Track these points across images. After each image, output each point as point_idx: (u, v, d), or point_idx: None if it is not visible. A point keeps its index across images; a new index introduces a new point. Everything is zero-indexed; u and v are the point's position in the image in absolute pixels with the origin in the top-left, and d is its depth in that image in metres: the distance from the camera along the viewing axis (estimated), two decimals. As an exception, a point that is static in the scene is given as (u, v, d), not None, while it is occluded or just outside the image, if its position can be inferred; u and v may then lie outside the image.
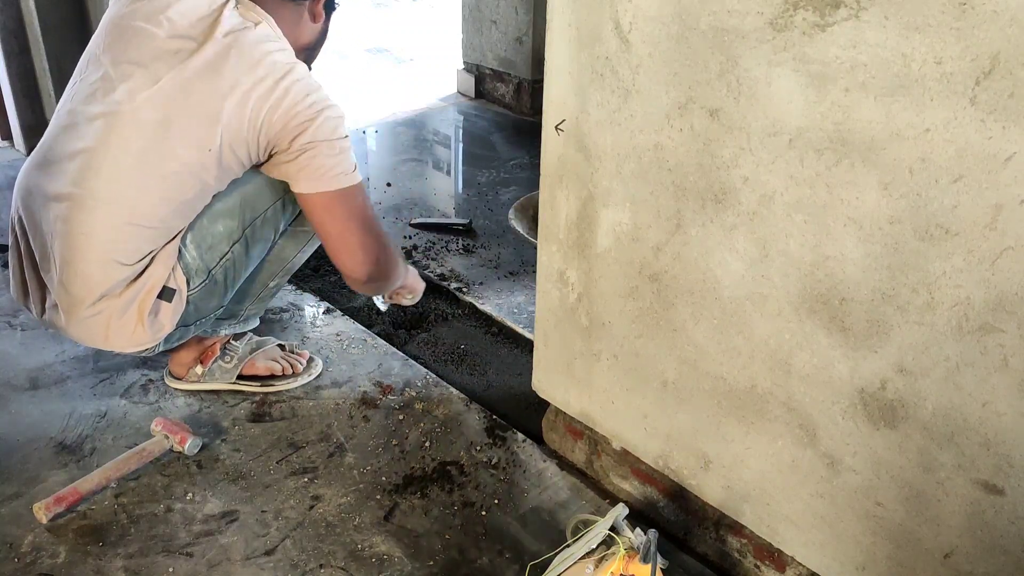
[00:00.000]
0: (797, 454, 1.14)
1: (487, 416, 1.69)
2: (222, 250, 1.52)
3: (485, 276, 2.29)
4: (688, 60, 1.07)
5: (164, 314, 1.49)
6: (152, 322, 1.48)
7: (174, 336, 1.57)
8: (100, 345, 1.50)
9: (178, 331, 1.56)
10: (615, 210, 1.26)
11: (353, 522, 1.42)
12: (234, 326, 1.72)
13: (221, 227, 1.50)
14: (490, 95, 3.86)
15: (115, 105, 1.38)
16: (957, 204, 0.87)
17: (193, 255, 1.48)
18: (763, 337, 1.12)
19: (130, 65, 1.39)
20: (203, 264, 1.50)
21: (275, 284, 1.72)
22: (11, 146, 3.23)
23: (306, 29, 1.53)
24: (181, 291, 1.49)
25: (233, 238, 1.52)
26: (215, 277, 1.53)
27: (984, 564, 0.99)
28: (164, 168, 1.39)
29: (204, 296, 1.54)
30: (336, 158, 1.42)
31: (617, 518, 1.22)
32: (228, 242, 1.52)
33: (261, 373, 1.75)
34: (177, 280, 1.48)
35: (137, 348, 1.51)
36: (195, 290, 1.51)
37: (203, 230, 1.49)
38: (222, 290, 1.57)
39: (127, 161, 1.38)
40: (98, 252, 1.39)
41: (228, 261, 1.53)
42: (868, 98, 0.91)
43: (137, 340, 1.49)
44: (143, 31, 1.40)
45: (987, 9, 0.79)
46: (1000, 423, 0.92)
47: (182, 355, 1.72)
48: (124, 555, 1.33)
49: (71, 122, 1.42)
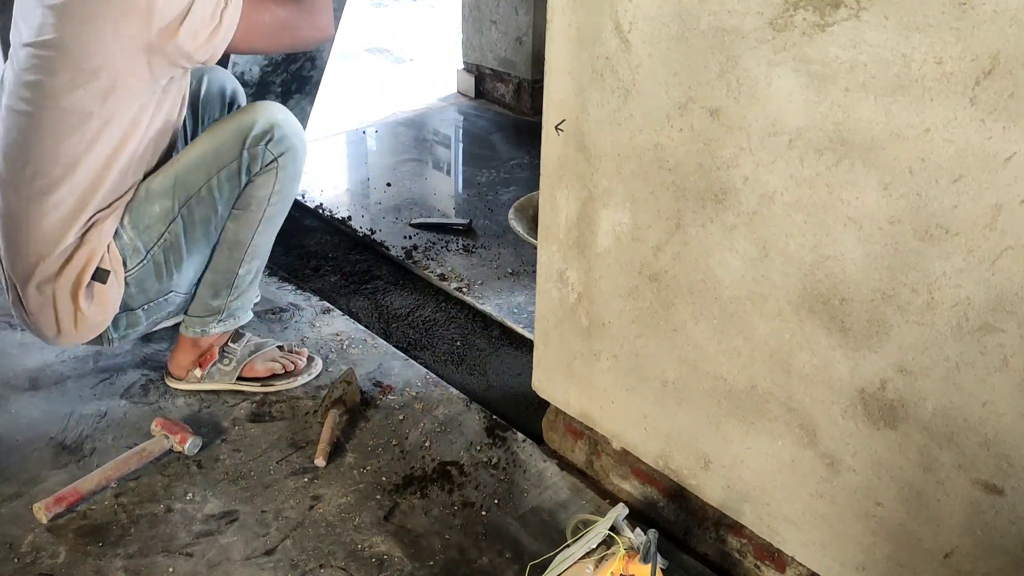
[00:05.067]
0: (797, 454, 1.14)
1: (487, 416, 1.69)
2: (159, 230, 1.52)
3: (485, 276, 2.29)
4: (688, 60, 1.07)
5: (102, 296, 1.51)
6: (90, 305, 1.50)
7: (122, 323, 1.59)
8: (54, 339, 1.55)
9: (125, 316, 1.58)
10: (615, 210, 1.25)
11: (353, 522, 1.42)
12: (222, 323, 1.70)
13: (157, 207, 1.51)
14: (490, 95, 3.85)
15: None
16: (957, 204, 0.87)
17: (130, 235, 1.50)
18: (763, 337, 1.12)
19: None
20: (140, 244, 1.52)
21: (246, 271, 1.67)
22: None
23: None
24: (117, 272, 1.51)
25: (169, 218, 1.52)
26: (154, 258, 1.54)
27: (984, 564, 0.99)
28: (55, 112, 1.39)
29: (144, 277, 1.55)
30: (205, 7, 1.38)
31: (617, 518, 1.22)
32: (164, 222, 1.52)
33: (261, 375, 1.75)
34: (112, 261, 1.50)
35: (87, 335, 1.54)
36: (133, 271, 1.53)
37: (139, 210, 1.50)
38: (165, 272, 1.57)
39: (15, 103, 1.42)
40: (28, 226, 1.44)
41: (166, 242, 1.54)
42: (868, 98, 0.91)
43: (84, 326, 1.52)
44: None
45: (987, 9, 0.79)
46: (1000, 423, 0.92)
47: (179, 357, 1.72)
48: (124, 555, 1.33)
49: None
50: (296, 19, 1.51)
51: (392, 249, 2.42)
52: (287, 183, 1.61)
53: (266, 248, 1.68)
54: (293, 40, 1.56)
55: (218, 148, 1.52)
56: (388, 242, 2.45)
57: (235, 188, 1.55)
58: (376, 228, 2.53)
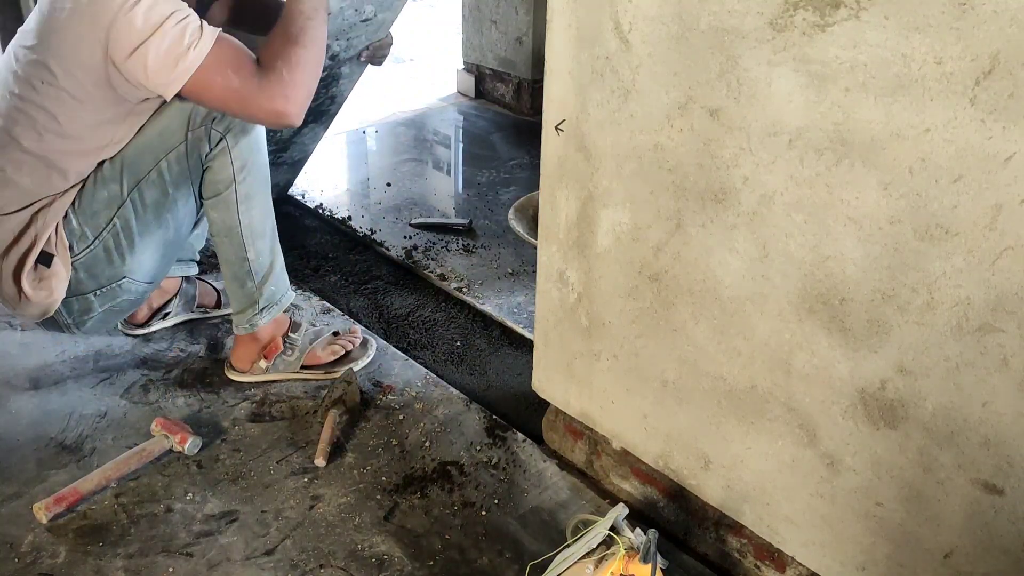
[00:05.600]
0: (797, 454, 1.14)
1: (487, 416, 1.69)
2: (107, 215, 1.53)
3: (485, 276, 2.29)
4: (688, 60, 1.07)
5: (47, 280, 1.53)
6: (36, 288, 1.53)
7: (74, 307, 1.61)
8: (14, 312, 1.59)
9: (77, 300, 1.60)
10: (615, 210, 1.26)
11: (353, 522, 1.42)
12: (267, 311, 1.71)
13: (105, 192, 1.51)
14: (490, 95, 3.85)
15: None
16: (957, 204, 0.87)
17: (78, 220, 1.52)
18: (763, 337, 1.12)
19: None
20: (87, 230, 1.53)
21: (256, 254, 1.66)
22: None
23: None
24: (63, 256, 1.52)
25: (116, 203, 1.53)
26: (104, 243, 1.55)
27: (984, 564, 0.99)
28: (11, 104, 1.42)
29: (94, 263, 1.56)
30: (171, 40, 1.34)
31: (617, 518, 1.22)
32: (113, 207, 1.53)
33: (322, 362, 1.79)
34: (58, 245, 1.51)
35: (33, 314, 1.58)
36: (80, 256, 1.54)
37: (87, 196, 1.51)
38: (117, 257, 1.58)
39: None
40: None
41: (115, 227, 1.54)
42: (868, 98, 0.91)
43: (29, 305, 1.55)
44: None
45: (987, 9, 0.79)
46: (1000, 423, 0.92)
47: (241, 353, 1.76)
48: (124, 555, 1.33)
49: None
50: (249, 94, 1.40)
51: (392, 249, 2.42)
52: (248, 156, 1.58)
53: (262, 225, 1.66)
54: (242, 113, 1.45)
55: (163, 131, 1.52)
56: (388, 242, 2.45)
57: (185, 171, 1.54)
58: (376, 228, 2.53)
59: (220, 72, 1.38)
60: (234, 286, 1.68)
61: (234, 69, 1.39)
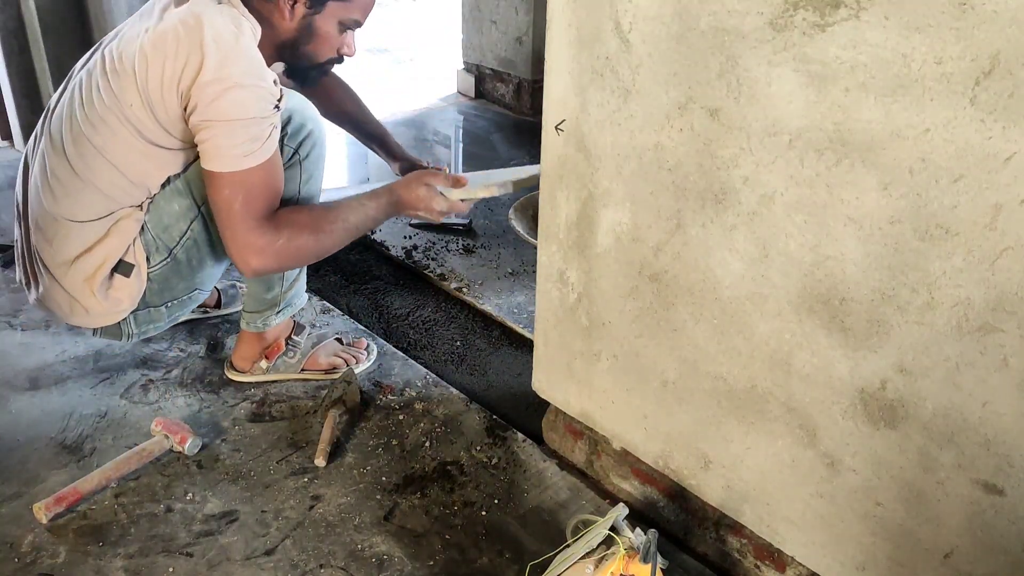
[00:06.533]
0: (797, 454, 1.14)
1: (487, 416, 1.69)
2: (181, 228, 1.52)
3: (485, 276, 2.29)
4: (688, 60, 1.07)
5: (121, 288, 1.52)
6: (106, 296, 1.52)
7: (143, 319, 1.60)
8: (69, 320, 1.57)
9: (148, 312, 1.59)
10: (615, 210, 1.26)
11: (353, 522, 1.42)
12: (281, 313, 1.72)
13: (176, 205, 1.51)
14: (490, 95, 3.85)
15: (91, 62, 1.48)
16: (957, 204, 0.87)
17: (154, 233, 1.51)
18: (763, 337, 1.12)
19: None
20: (163, 243, 1.52)
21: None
22: (11, 146, 3.23)
23: (281, 24, 1.47)
24: (140, 267, 1.52)
25: (190, 215, 1.51)
26: (177, 257, 1.54)
27: (984, 564, 0.99)
28: (94, 113, 1.42)
29: (168, 276, 1.55)
30: (228, 138, 1.36)
31: (617, 518, 1.22)
32: (186, 220, 1.52)
33: (323, 367, 1.79)
34: (136, 255, 1.51)
35: (97, 323, 1.56)
36: (156, 268, 1.53)
37: (160, 209, 1.50)
38: (188, 271, 1.57)
39: (72, 108, 1.45)
40: (57, 208, 1.47)
41: (189, 240, 1.53)
42: (868, 98, 0.91)
43: (96, 313, 1.54)
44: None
45: (987, 9, 0.79)
46: (1000, 423, 0.92)
47: (244, 350, 1.75)
48: (124, 555, 1.33)
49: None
50: (235, 226, 1.40)
51: (392, 249, 2.42)
52: (313, 170, 1.61)
53: None
54: (220, 230, 1.43)
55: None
56: (388, 242, 2.45)
57: None
58: (376, 228, 2.53)
59: (235, 189, 1.38)
60: (259, 288, 1.68)
61: (247, 199, 1.39)
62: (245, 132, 1.35)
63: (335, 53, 1.56)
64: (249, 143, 1.36)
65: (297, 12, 1.46)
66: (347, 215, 1.51)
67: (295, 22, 1.47)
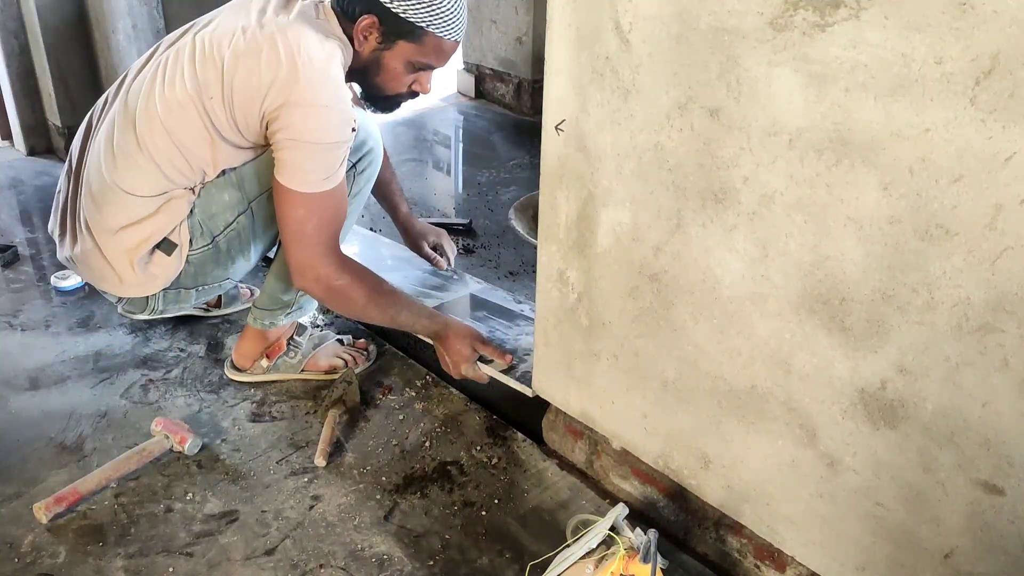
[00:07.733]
0: (797, 454, 1.14)
1: (487, 416, 1.69)
2: (227, 219, 1.55)
3: (485, 276, 2.29)
4: (688, 60, 1.07)
5: (159, 265, 1.55)
6: (144, 270, 1.55)
7: (171, 297, 1.63)
8: (98, 284, 1.61)
9: (177, 292, 1.62)
10: (615, 210, 1.26)
11: (353, 522, 1.42)
12: (291, 315, 1.73)
13: (227, 196, 1.54)
14: (490, 95, 3.85)
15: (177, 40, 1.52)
16: (957, 204, 0.87)
17: (201, 218, 1.54)
18: (763, 337, 1.12)
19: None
20: (208, 229, 1.55)
21: None
22: (11, 146, 3.24)
23: (357, 50, 1.51)
24: (182, 247, 1.55)
25: (239, 209, 1.55)
26: (219, 244, 1.57)
27: (984, 564, 0.99)
28: (173, 96, 1.44)
29: (205, 261, 1.59)
30: (311, 161, 1.39)
31: (617, 518, 1.22)
32: (233, 212, 1.55)
33: (323, 368, 1.80)
34: (181, 236, 1.54)
35: (130, 292, 1.59)
36: (197, 252, 1.56)
37: (211, 196, 1.53)
38: (226, 260, 1.61)
39: (153, 85, 1.47)
40: (115, 176, 1.49)
41: (233, 231, 1.57)
42: (868, 98, 0.91)
43: (128, 283, 1.56)
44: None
45: (987, 9, 0.79)
46: (1000, 423, 0.92)
47: (246, 348, 1.76)
48: (124, 555, 1.33)
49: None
50: (305, 246, 1.44)
51: (392, 249, 2.41)
52: (364, 185, 1.65)
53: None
54: (287, 247, 1.47)
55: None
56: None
57: None
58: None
59: (310, 210, 1.42)
60: (277, 287, 1.68)
61: (320, 222, 1.43)
62: (327, 155, 1.39)
63: (405, 89, 1.58)
64: (328, 167, 1.40)
65: (369, 44, 1.50)
66: (401, 310, 1.58)
67: (366, 52, 1.51)
